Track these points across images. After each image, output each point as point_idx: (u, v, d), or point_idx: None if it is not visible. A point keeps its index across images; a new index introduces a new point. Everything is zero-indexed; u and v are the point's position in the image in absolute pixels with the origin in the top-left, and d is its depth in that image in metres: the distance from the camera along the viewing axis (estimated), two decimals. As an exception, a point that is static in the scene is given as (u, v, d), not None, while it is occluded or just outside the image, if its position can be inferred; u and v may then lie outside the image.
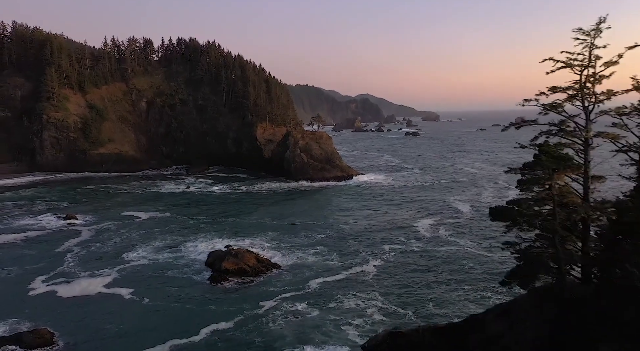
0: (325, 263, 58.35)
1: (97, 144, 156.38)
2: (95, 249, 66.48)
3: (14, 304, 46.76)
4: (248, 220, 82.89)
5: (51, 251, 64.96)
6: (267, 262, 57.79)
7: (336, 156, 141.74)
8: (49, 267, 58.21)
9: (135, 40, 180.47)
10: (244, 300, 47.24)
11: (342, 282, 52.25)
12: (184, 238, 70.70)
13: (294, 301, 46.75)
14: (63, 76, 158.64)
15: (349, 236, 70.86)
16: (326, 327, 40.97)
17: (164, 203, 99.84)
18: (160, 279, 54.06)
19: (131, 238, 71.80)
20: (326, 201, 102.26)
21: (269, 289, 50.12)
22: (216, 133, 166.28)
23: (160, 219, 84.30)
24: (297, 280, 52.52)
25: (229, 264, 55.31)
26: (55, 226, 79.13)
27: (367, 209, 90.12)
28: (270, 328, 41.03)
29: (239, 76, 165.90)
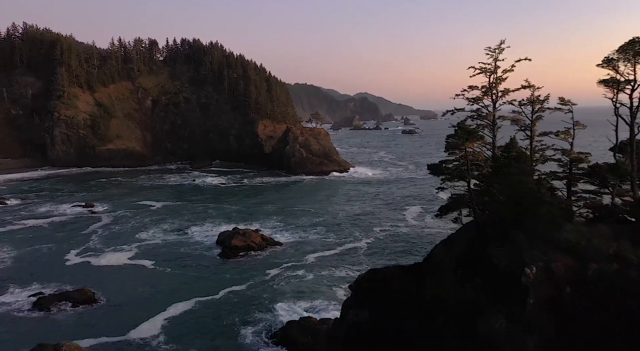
0: (323, 241, 66.21)
1: (106, 141, 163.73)
2: (116, 231, 74.20)
3: (56, 271, 54.56)
4: (252, 208, 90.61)
5: (78, 232, 72.68)
6: (271, 240, 65.58)
7: (334, 151, 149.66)
8: (78, 244, 65.98)
9: (140, 41, 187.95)
10: (252, 269, 55.08)
11: (337, 255, 60.10)
12: (194, 223, 78.37)
13: (294, 269, 54.59)
14: (73, 75, 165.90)
15: (344, 220, 78.67)
16: (320, 288, 48.85)
17: (173, 193, 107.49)
18: (176, 254, 61.78)
19: (146, 222, 79.51)
20: (324, 192, 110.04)
21: (273, 261, 57.95)
22: (219, 130, 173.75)
23: (171, 207, 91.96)
24: (297, 254, 60.36)
25: (237, 241, 63.08)
26: (76, 213, 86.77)
27: (361, 199, 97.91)
28: (274, 288, 48.89)
29: (241, 75, 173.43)
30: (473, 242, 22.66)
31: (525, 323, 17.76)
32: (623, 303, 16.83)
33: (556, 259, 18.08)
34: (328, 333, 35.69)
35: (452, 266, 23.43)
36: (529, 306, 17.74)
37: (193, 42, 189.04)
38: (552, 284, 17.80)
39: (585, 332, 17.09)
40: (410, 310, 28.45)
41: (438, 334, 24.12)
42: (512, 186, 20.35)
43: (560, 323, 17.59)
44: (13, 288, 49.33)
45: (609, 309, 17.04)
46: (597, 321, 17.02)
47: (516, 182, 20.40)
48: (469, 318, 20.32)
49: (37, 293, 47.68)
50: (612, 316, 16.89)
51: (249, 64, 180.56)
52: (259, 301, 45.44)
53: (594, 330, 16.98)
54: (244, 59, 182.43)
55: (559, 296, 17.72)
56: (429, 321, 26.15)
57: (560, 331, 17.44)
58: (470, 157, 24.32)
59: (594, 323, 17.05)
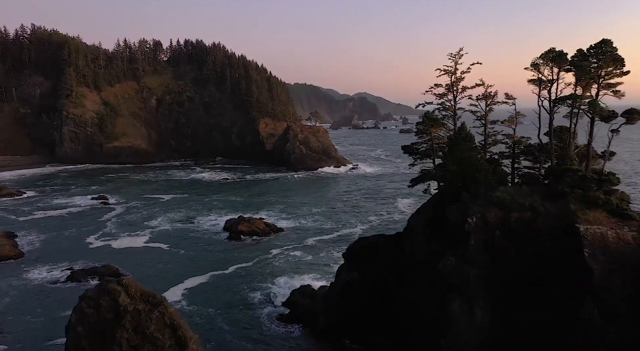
0: (321, 227, 72.38)
1: (112, 138, 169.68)
2: (129, 219, 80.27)
3: (81, 252, 60.70)
4: (255, 199, 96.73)
5: (94, 220, 78.74)
6: (273, 226, 71.71)
7: (332, 148, 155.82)
8: (96, 230, 72.09)
9: (145, 42, 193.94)
10: (257, 250, 61.23)
11: (334, 240, 66.20)
12: (201, 212, 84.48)
13: (295, 250, 60.77)
14: (80, 75, 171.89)
15: (341, 210, 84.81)
16: (318, 265, 54.98)
17: (179, 187, 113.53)
18: (188, 238, 67.88)
19: (157, 211, 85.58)
20: (323, 185, 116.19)
21: (276, 243, 64.11)
22: (221, 128, 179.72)
23: (179, 199, 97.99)
24: (298, 238, 66.51)
25: (243, 227, 69.25)
26: (91, 204, 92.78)
27: (358, 192, 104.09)
28: (275, 265, 55.06)
29: (243, 75, 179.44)
30: (436, 206, 28.76)
31: (468, 259, 23.72)
32: (535, 239, 22.76)
33: (489, 211, 24.03)
34: (324, 295, 41.82)
35: (422, 228, 29.55)
36: (470, 247, 23.69)
37: (196, 43, 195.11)
38: (487, 229, 23.76)
39: (510, 263, 23.06)
40: (391, 269, 34.69)
41: (410, 283, 30.27)
42: (460, 159, 26.42)
43: (493, 258, 23.55)
44: (46, 265, 55.47)
45: (525, 245, 22.99)
46: (518, 254, 22.98)
47: (463, 156, 26.50)
48: (433, 264, 26.39)
49: (67, 269, 53.83)
50: (528, 250, 22.85)
51: (250, 65, 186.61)
52: (264, 275, 51.61)
53: (516, 261, 22.95)
54: (246, 60, 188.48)
55: (492, 238, 23.66)
56: (405, 275, 32.35)
57: (493, 264, 23.41)
58: (435, 140, 30.45)
59: (516, 256, 23.01)
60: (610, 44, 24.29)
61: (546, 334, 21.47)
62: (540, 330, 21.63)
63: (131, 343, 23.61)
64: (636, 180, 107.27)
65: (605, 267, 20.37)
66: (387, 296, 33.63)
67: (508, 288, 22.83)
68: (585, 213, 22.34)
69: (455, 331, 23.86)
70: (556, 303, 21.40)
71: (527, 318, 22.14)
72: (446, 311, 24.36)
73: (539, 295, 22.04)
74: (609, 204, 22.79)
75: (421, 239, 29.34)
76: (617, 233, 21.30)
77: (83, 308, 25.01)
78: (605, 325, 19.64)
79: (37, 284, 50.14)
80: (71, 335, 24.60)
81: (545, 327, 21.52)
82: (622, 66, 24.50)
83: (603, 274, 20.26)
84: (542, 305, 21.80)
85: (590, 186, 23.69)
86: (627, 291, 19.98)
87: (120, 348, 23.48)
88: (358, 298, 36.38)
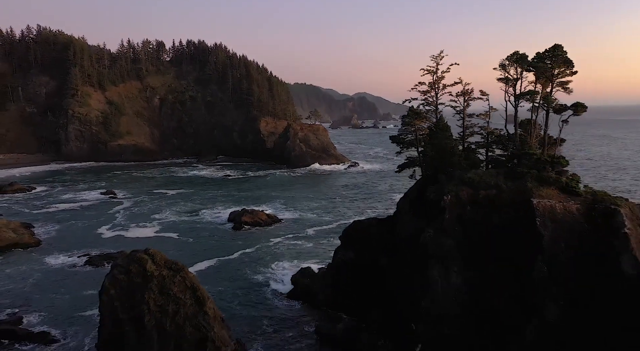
0: (320, 219, 76.54)
1: (117, 137, 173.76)
2: (137, 212, 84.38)
3: (95, 241, 64.92)
4: (257, 194, 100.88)
5: (105, 213, 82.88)
6: (275, 217, 75.89)
7: (331, 146, 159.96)
8: (107, 221, 76.23)
9: (148, 42, 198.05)
10: (259, 238, 65.38)
11: (332, 229, 70.16)
12: (206, 206, 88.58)
13: (296, 239, 64.97)
14: (85, 75, 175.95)
15: (339, 204, 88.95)
16: (316, 252, 59.10)
17: (183, 183, 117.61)
18: (195, 229, 71.98)
19: (163, 205, 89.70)
20: (322, 181, 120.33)
21: (277, 232, 68.27)
22: (223, 127, 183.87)
23: (184, 194, 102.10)
24: (298, 228, 70.66)
25: (246, 217, 73.41)
26: (100, 199, 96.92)
27: (356, 187, 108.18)
28: (276, 252, 59.22)
29: (244, 75, 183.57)
30: (420, 188, 32.90)
31: (444, 231, 27.72)
32: (499, 212, 26.78)
33: (462, 190, 28.00)
34: (323, 274, 45.99)
35: (408, 208, 33.69)
36: (446, 220, 27.70)
37: (198, 44, 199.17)
38: (460, 205, 27.73)
39: (480, 233, 27.10)
40: (383, 248, 38.78)
41: (399, 257, 34.40)
42: (438, 147, 30.52)
43: (464, 230, 27.56)
44: (63, 252, 59.57)
45: (491, 217, 27.02)
46: (486, 225, 27.02)
47: (441, 144, 30.58)
48: (416, 238, 30.51)
49: (84, 255, 57.94)
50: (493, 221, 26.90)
51: (251, 64, 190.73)
52: (266, 260, 55.79)
53: (484, 231, 26.99)
54: (247, 60, 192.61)
55: (464, 212, 27.66)
56: (395, 253, 36.47)
57: (465, 234, 27.44)
58: (418, 131, 34.61)
59: (484, 227, 27.06)
60: (561, 48, 28.39)
61: (508, 292, 25.52)
62: (503, 288, 25.69)
63: (157, 303, 27.72)
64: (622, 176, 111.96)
65: (553, 233, 24.38)
66: (379, 273, 37.73)
67: (478, 254, 26.88)
68: (539, 189, 26.34)
69: (434, 293, 27.94)
70: (516, 264, 25.45)
71: (493, 278, 26.19)
72: (426, 277, 28.43)
73: (502, 258, 26.08)
74: (559, 182, 26.81)
75: (407, 217, 33.47)
76: (564, 206, 25.31)
77: (115, 274, 29.13)
78: (551, 280, 23.68)
79: (58, 268, 54.25)
80: (105, 297, 28.71)
81: (507, 285, 25.60)
82: (572, 67, 28.60)
83: (551, 239, 24.27)
84: (505, 267, 25.85)
85: (545, 167, 27.74)
86: (569, 252, 24.00)
87: (148, 307, 27.59)
88: (353, 276, 40.52)
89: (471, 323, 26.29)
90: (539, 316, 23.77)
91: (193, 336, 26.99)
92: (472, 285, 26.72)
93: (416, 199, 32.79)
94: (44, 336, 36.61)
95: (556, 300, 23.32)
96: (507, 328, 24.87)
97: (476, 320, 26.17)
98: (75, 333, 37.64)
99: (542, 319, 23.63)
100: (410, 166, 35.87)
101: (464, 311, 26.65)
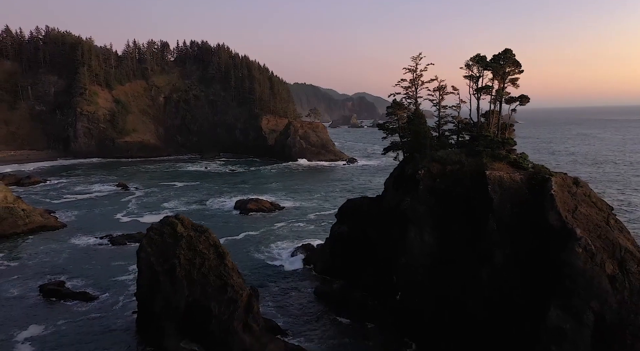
0: (321, 206, 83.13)
1: (123, 134, 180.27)
2: (148, 201, 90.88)
3: (114, 224, 71.42)
4: (260, 186, 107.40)
5: (119, 202, 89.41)
6: (278, 205, 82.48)
7: (330, 143, 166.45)
8: (122, 209, 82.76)
9: (153, 43, 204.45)
10: (264, 222, 71.91)
11: (331, 215, 75.80)
12: (213, 196, 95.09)
13: (298, 222, 71.50)
14: (93, 74, 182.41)
15: (338, 194, 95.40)
16: (316, 232, 65.55)
17: (189, 177, 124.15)
18: (204, 215, 78.41)
19: (173, 195, 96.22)
20: (322, 175, 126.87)
21: (280, 217, 74.82)
22: (226, 124, 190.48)
23: (191, 186, 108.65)
24: (300, 213, 77.22)
25: (252, 205, 80.00)
26: (113, 190, 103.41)
27: (354, 180, 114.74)
28: (279, 234, 65.71)
29: (246, 74, 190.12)
30: (401, 167, 39.45)
31: (418, 200, 34.11)
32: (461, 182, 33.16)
33: (433, 166, 34.37)
34: (321, 247, 52.53)
35: (392, 184, 40.22)
36: (420, 191, 34.09)
37: (201, 44, 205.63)
38: (431, 178, 34.12)
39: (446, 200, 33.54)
40: (372, 222, 45.25)
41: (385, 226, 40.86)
42: (414, 131, 36.97)
43: (434, 197, 33.96)
44: (87, 234, 66.05)
45: (456, 187, 33.42)
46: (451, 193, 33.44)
47: (416, 129, 37.05)
48: (398, 207, 37.00)
49: (106, 236, 64.36)
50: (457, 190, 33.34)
51: (253, 64, 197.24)
52: (271, 239, 62.40)
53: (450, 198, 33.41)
54: (249, 60, 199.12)
55: (434, 184, 34.07)
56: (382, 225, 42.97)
57: (435, 201, 33.87)
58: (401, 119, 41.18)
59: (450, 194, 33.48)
60: (510, 51, 34.77)
61: (467, 246, 31.90)
62: (464, 242, 32.08)
63: (186, 257, 34.18)
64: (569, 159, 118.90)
65: (501, 197, 30.66)
66: (369, 243, 44.22)
67: (445, 217, 33.26)
68: (492, 163, 32.66)
69: (411, 250, 34.36)
70: (473, 223, 31.82)
71: (456, 235, 32.57)
72: (405, 237, 34.89)
73: (464, 218, 32.47)
74: (508, 158, 33.25)
75: (391, 192, 39.98)
76: (511, 176, 31.60)
77: (150, 235, 35.60)
78: (499, 233, 30.05)
79: (85, 246, 60.74)
80: (143, 254, 35.16)
81: (467, 240, 31.99)
82: (519, 67, 35.08)
83: (499, 201, 30.56)
84: (465, 225, 32.23)
85: (497, 146, 34.16)
86: (513, 211, 30.36)
87: (178, 260, 34.03)
88: (346, 247, 47.05)
89: (438, 271, 32.78)
90: (490, 262, 30.21)
91: (216, 283, 33.43)
92: (440, 241, 33.20)
93: (398, 176, 39.32)
94: (85, 294, 43.18)
95: (502, 248, 29.72)
96: (467, 273, 31.32)
97: (443, 268, 32.65)
98: (110, 293, 44.21)
99: (492, 264, 30.07)
100: (394, 149, 42.42)
101: (433, 262, 33.11)
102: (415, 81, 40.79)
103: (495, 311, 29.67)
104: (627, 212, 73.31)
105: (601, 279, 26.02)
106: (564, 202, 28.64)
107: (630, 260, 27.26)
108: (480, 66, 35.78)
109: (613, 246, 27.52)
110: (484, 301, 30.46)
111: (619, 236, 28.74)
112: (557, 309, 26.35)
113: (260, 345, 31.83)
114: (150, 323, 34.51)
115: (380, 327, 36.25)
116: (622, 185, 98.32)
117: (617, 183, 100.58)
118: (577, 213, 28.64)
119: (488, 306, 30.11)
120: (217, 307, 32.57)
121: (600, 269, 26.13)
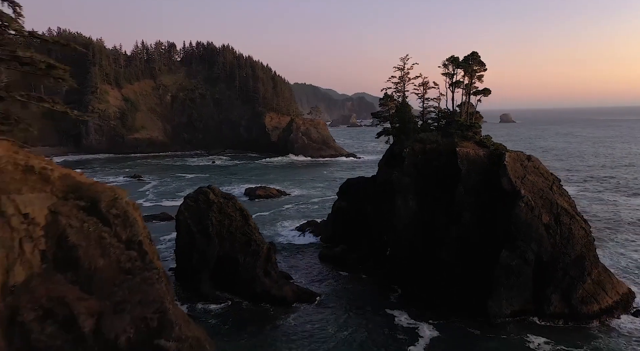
0: (324, 193, 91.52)
1: (133, 131, 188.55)
2: (165, 189, 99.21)
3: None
4: (266, 176, 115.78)
5: (136, 190, 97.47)
6: (284, 192, 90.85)
7: (331, 139, 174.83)
8: (141, 197, 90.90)
9: (161, 44, 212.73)
10: (272, 205, 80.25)
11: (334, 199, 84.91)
12: (223, 185, 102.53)
13: (304, 205, 79.87)
14: (103, 73, 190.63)
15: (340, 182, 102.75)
16: (321, 212, 73.66)
17: (198, 170, 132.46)
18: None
19: (185, 185, 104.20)
20: (323, 169, 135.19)
21: (288, 202, 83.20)
22: (230, 122, 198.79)
23: (202, 177, 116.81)
24: (305, 198, 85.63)
25: (260, 192, 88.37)
26: (129, 180, 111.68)
27: (355, 173, 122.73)
28: (287, 214, 73.98)
29: (250, 74, 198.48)
30: (391, 148, 47.84)
31: (404, 173, 42.33)
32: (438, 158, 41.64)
33: (415, 145, 42.61)
34: (323, 222, 60.81)
35: (384, 163, 48.57)
36: (405, 166, 42.29)
37: (207, 45, 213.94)
38: (414, 154, 42.60)
39: (427, 173, 41.94)
40: (368, 198, 53.52)
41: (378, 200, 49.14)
42: (400, 118, 45.26)
43: (416, 170, 42.38)
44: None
45: (433, 161, 41.81)
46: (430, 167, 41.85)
47: (402, 116, 45.36)
48: (388, 180, 45.26)
49: (133, 216, 72.52)
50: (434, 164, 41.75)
51: (256, 64, 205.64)
52: (279, 219, 70.74)
53: (429, 171, 41.85)
54: (253, 60, 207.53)
55: (417, 159, 42.44)
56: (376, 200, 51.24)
57: (418, 174, 42.29)
58: (391, 109, 49.57)
59: (429, 168, 41.92)
60: (477, 54, 43.05)
61: (441, 207, 40.14)
62: (439, 206, 40.28)
63: (217, 219, 42.38)
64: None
65: (468, 168, 38.83)
66: (365, 216, 52.46)
67: (425, 186, 41.51)
68: (461, 143, 40.86)
69: (398, 213, 42.63)
70: (446, 190, 40.02)
71: (433, 200, 40.79)
72: (393, 205, 43.16)
73: (439, 187, 40.69)
74: (474, 138, 41.58)
75: (384, 169, 48.31)
76: (476, 152, 39.82)
77: (187, 202, 43.83)
78: (466, 196, 38.25)
79: (115, 224, 68.84)
80: (181, 217, 43.37)
81: (442, 205, 40.20)
82: (484, 65, 43.41)
83: (466, 172, 38.73)
84: (440, 193, 40.44)
85: (466, 129, 42.35)
86: (477, 179, 38.56)
87: (211, 222, 42.24)
88: (346, 219, 55.30)
89: (420, 230, 41.05)
90: (458, 220, 38.43)
91: (242, 239, 41.63)
92: (421, 206, 41.49)
93: (389, 155, 47.63)
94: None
95: (468, 209, 37.95)
96: (440, 230, 39.55)
97: (423, 227, 40.92)
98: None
99: (460, 222, 38.30)
100: (385, 134, 50.74)
101: (416, 222, 41.38)
102: (403, 77, 49.10)
103: (462, 257, 37.97)
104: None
105: (538, 227, 34.34)
106: (515, 171, 36.97)
107: (564, 215, 35.61)
108: (454, 65, 44.09)
109: (551, 204, 35.87)
110: (455, 251, 38.78)
111: (559, 198, 37.09)
112: (507, 250, 34.66)
113: (278, 287, 40.08)
114: (188, 274, 42.75)
115: (373, 277, 44.55)
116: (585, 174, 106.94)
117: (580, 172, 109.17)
118: (525, 180, 36.99)
119: (457, 255, 38.42)
120: (243, 258, 40.82)
121: (538, 220, 34.46)
